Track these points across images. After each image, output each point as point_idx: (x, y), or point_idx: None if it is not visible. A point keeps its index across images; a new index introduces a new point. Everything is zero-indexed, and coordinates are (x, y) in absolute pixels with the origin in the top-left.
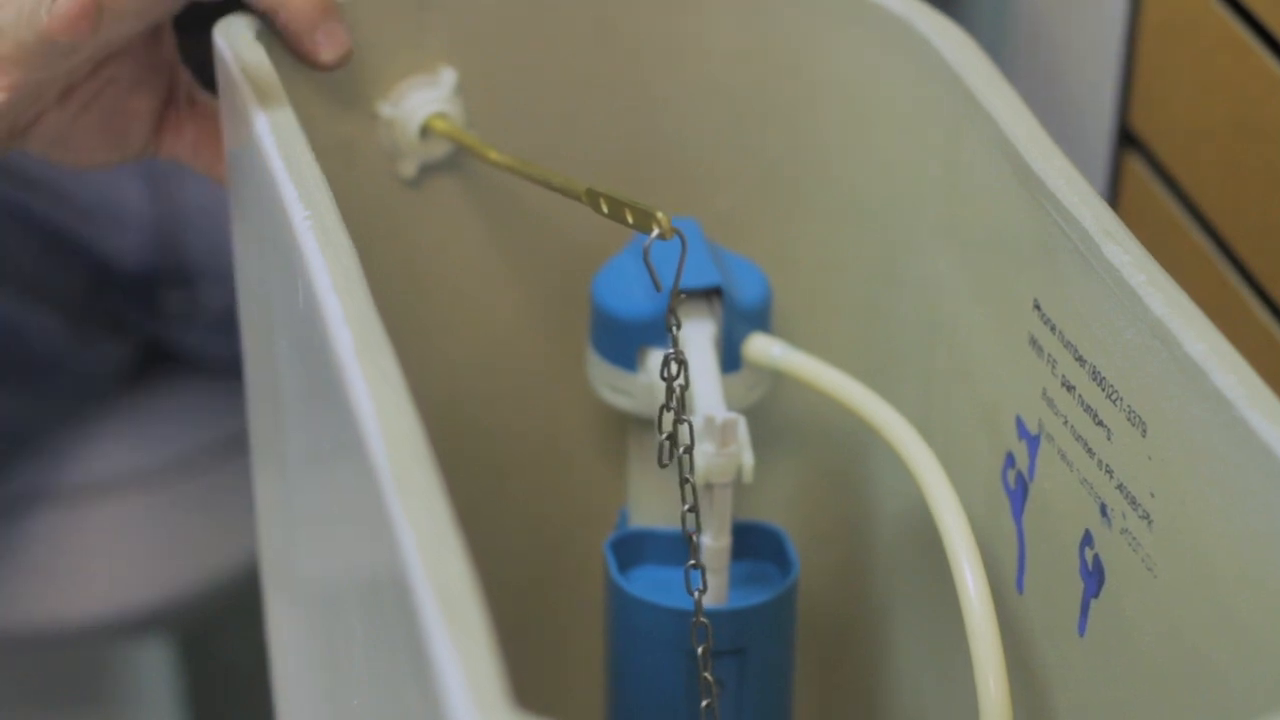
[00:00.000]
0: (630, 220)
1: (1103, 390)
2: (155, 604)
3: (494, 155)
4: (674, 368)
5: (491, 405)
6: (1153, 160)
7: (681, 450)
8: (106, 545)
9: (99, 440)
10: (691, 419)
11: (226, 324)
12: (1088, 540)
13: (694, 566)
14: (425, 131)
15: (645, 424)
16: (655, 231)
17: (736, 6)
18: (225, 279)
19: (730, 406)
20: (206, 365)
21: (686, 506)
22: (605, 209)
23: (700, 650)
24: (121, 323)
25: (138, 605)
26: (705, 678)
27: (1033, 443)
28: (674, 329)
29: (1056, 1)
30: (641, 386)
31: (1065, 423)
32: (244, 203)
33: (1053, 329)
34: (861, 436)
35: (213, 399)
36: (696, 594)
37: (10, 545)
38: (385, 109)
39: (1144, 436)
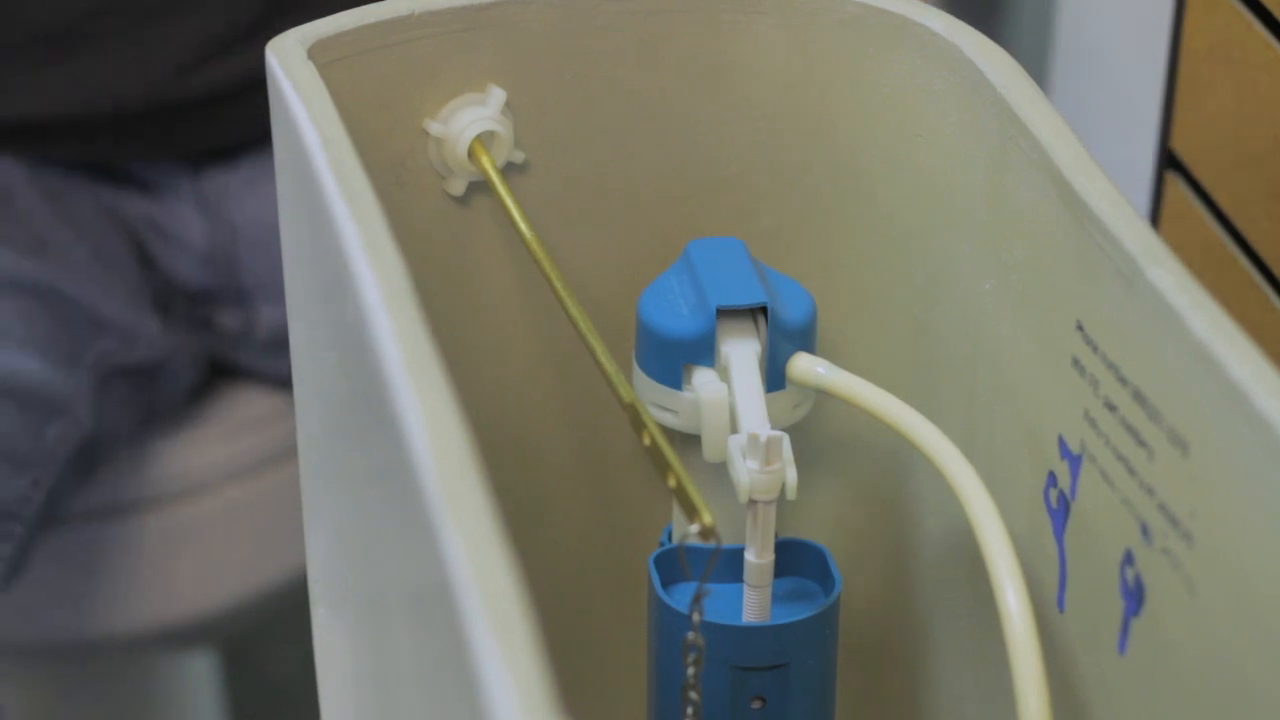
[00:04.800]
0: (671, 483)
1: (1145, 411)
2: (204, 615)
3: (527, 234)
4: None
5: (539, 422)
6: (1194, 182)
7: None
8: (158, 557)
9: (153, 454)
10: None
11: (281, 341)
12: (1129, 559)
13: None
14: (473, 151)
15: (690, 441)
16: (696, 527)
17: (781, 28)
18: (279, 298)
19: (775, 424)
20: (261, 380)
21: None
22: (645, 442)
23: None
24: (184, 339)
25: (187, 616)
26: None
27: (1075, 462)
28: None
29: (1100, 25)
30: (686, 404)
31: (1107, 443)
32: (295, 220)
33: (1095, 350)
34: (904, 455)
35: (264, 413)
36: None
37: (62, 557)
38: (434, 127)
39: (1185, 457)
